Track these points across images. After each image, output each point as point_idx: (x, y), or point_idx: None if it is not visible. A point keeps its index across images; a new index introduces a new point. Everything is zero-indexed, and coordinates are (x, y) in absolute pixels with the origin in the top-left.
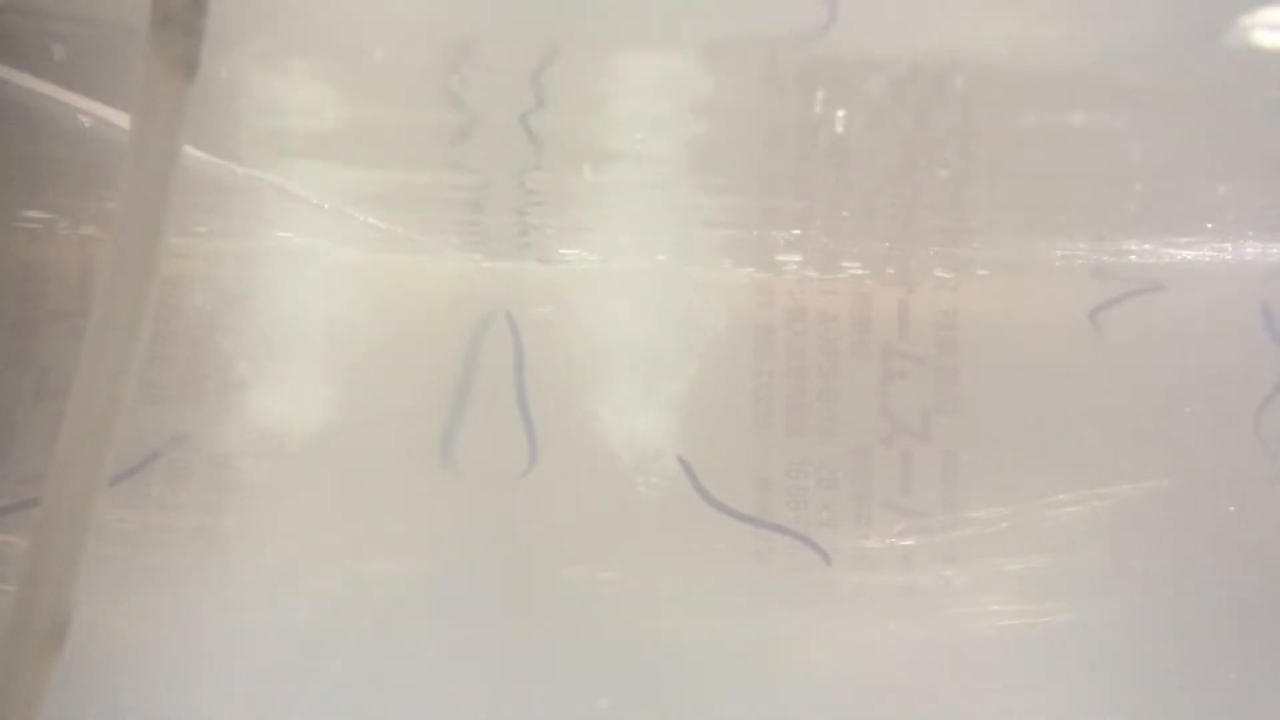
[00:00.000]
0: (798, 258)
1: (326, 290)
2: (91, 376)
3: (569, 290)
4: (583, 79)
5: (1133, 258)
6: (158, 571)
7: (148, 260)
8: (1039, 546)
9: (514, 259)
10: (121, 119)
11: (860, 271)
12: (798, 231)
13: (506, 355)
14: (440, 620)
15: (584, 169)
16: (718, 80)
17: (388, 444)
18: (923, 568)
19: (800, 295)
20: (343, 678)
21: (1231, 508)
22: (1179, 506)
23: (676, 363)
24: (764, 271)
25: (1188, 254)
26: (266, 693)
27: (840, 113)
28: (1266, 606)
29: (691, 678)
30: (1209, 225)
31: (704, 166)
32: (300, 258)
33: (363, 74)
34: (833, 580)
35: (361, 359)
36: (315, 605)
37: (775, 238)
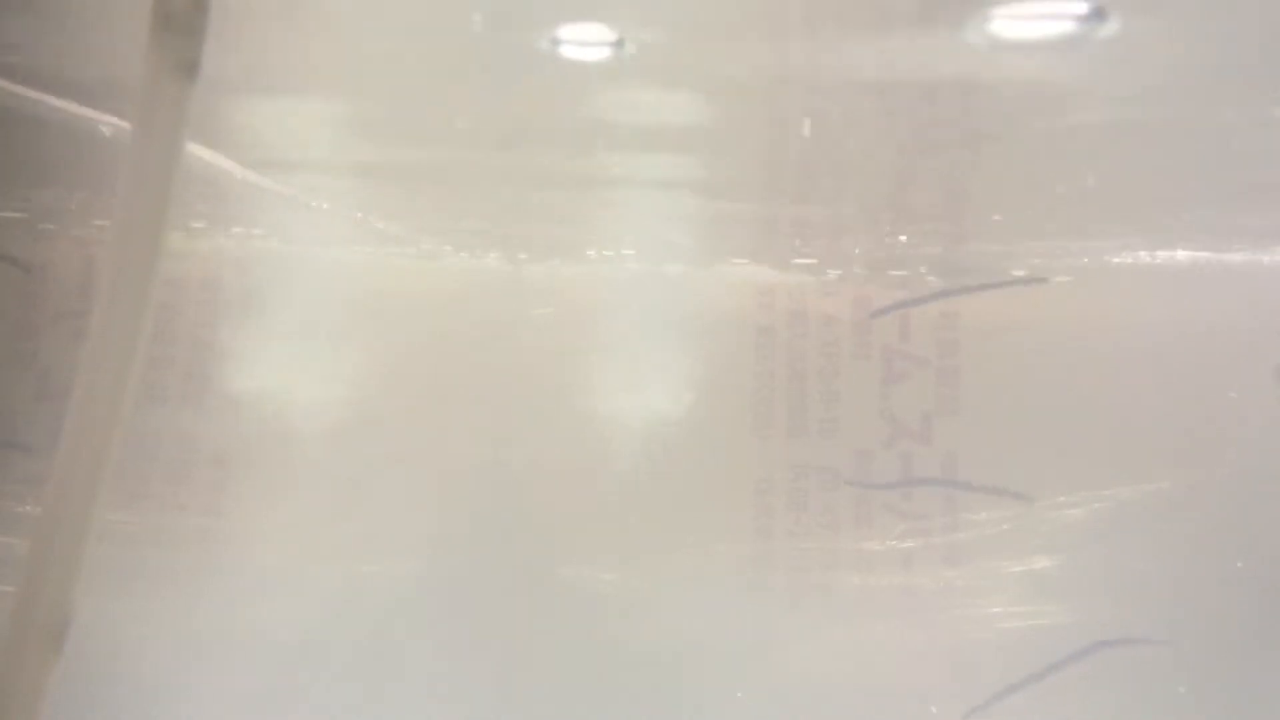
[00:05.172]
0: (799, 260)
1: (327, 291)
2: (93, 377)
3: (569, 292)
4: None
5: (1133, 257)
6: (158, 572)
7: (149, 262)
8: (1040, 549)
9: (514, 260)
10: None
11: (861, 273)
12: (799, 233)
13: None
14: (440, 621)
15: (581, 171)
16: (719, 81)
17: (388, 444)
18: (923, 570)
19: (801, 297)
20: (343, 678)
21: (1233, 510)
22: (1181, 508)
23: (677, 364)
24: (765, 273)
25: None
26: (267, 693)
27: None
28: (1269, 608)
29: (691, 679)
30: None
31: (703, 168)
32: (301, 258)
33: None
34: (833, 582)
35: (363, 359)
36: (316, 605)
37: (776, 239)
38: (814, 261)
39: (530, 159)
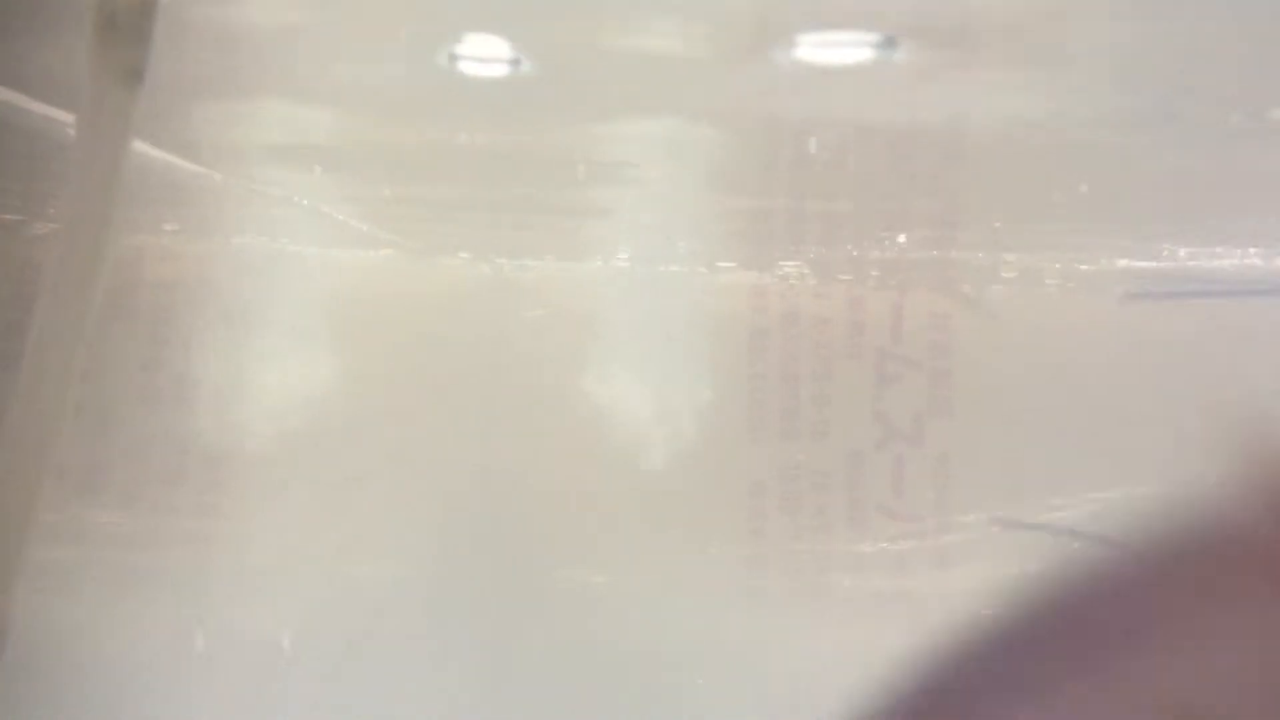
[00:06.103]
0: (792, 261)
1: (319, 293)
2: (32, 383)
3: (561, 294)
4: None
5: (1127, 260)
6: (150, 574)
7: (90, 268)
8: (1033, 550)
9: (507, 262)
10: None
11: (854, 275)
12: (792, 235)
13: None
14: (433, 623)
15: (577, 171)
16: (716, 85)
17: (381, 446)
18: (916, 572)
19: (794, 299)
20: (336, 679)
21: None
22: (1176, 510)
23: (670, 366)
24: (758, 275)
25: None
26: (259, 693)
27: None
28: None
29: (684, 682)
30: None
31: (698, 170)
32: (293, 260)
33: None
34: (826, 584)
35: (354, 361)
36: (309, 607)
37: (770, 241)
38: (807, 263)
39: (518, 161)
